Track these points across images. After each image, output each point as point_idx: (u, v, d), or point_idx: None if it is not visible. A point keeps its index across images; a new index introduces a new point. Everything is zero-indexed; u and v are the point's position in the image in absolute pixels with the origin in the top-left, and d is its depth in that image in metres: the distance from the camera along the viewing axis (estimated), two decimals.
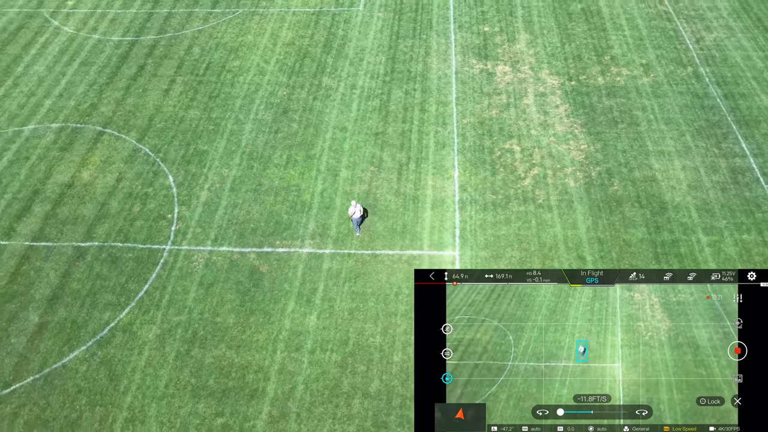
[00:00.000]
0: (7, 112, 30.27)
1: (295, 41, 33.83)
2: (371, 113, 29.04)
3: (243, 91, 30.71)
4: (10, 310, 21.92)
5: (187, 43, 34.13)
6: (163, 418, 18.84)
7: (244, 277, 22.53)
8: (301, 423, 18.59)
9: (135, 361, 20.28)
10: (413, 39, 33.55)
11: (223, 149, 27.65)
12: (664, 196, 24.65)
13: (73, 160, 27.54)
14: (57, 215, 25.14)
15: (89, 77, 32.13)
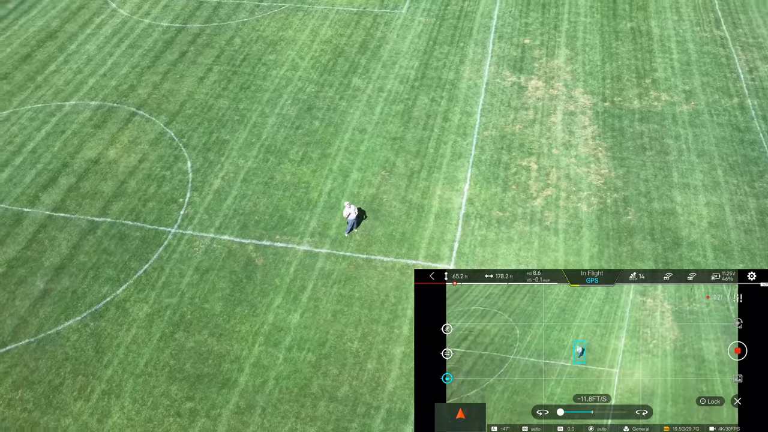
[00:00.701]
0: (54, 86, 31.98)
1: (333, 39, 34.11)
2: (393, 117, 28.94)
3: (273, 85, 31.24)
4: (20, 274, 23.19)
5: (230, 34, 35.02)
6: (137, 395, 19.48)
7: (239, 268, 22.96)
8: (265, 418, 18.79)
9: (122, 336, 21.05)
10: (450, 46, 33.17)
11: (243, 140, 28.24)
12: (680, 232, 23.39)
13: (103, 137, 28.81)
14: (79, 189, 26.38)
15: (133, 59, 33.50)
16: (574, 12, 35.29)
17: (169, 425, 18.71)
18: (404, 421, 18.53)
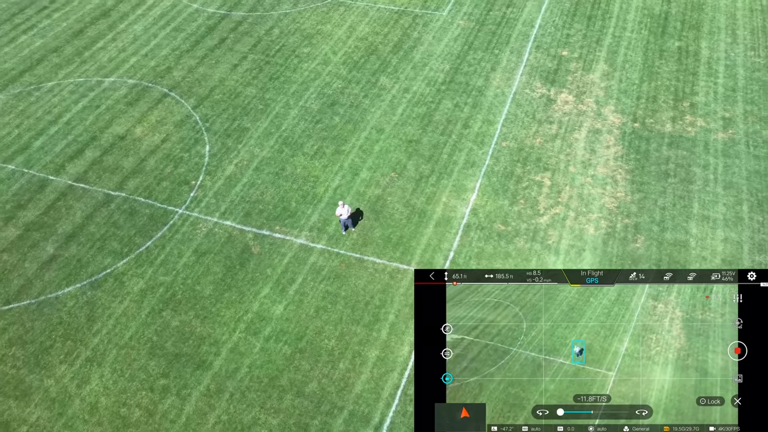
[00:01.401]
0: (98, 62, 33.45)
1: (369, 37, 34.14)
2: (413, 120, 28.72)
3: (302, 78, 31.59)
4: (34, 238, 24.44)
5: (270, 24, 35.63)
6: (117, 366, 20.21)
7: (234, 254, 23.41)
8: (231, 403, 19.11)
9: (114, 308, 21.87)
10: (484, 52, 32.59)
11: (263, 129, 28.71)
12: (689, 266, 22.18)
13: (133, 115, 29.93)
14: (102, 162, 27.53)
15: (175, 42, 34.61)
16: (621, 26, 33.95)
17: (140, 399, 19.33)
18: (365, 425, 18.44)
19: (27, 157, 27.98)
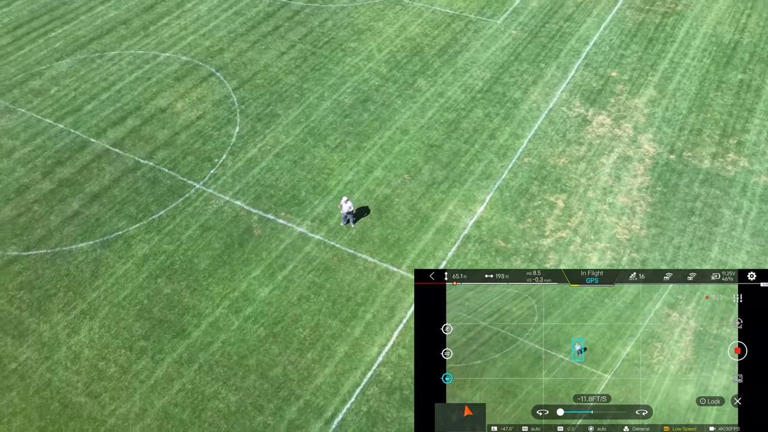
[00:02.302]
0: (159, 37, 35.35)
1: (417, 38, 34.12)
2: (440, 125, 28.51)
3: (342, 71, 32.04)
4: (63, 193, 26.28)
5: (325, 16, 36.33)
6: (105, 322, 21.46)
7: (236, 233, 24.20)
8: (197, 374, 19.86)
9: (117, 268, 23.20)
10: (530, 64, 31.80)
11: (292, 118, 29.41)
12: None
13: (177, 90, 31.46)
14: (139, 131, 29.15)
15: (232, 25, 35.99)
16: (682, 52, 32.14)
17: (118, 356, 20.45)
18: (317, 417, 18.66)
19: (76, 119, 30.05)
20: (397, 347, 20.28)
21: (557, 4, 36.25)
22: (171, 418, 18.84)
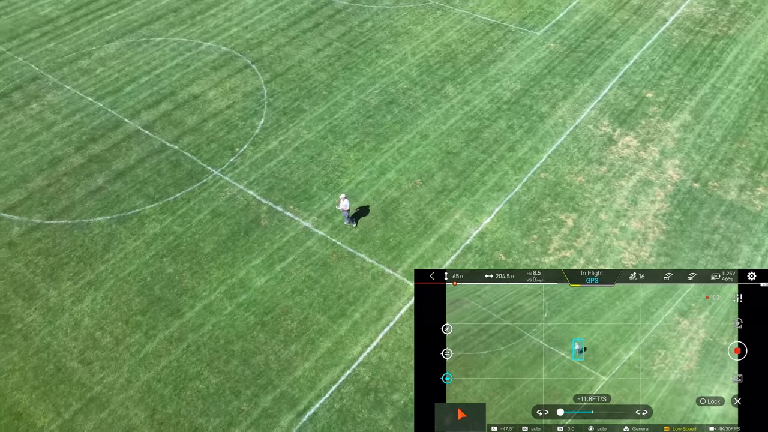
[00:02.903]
0: (204, 27, 36.56)
1: (453, 44, 34.00)
2: (460, 132, 28.35)
3: (372, 72, 32.30)
4: (91, 168, 27.60)
5: (365, 17, 36.68)
6: (108, 294, 22.44)
7: (244, 222, 24.81)
8: (185, 353, 20.51)
9: (127, 244, 24.20)
10: (563, 79, 31.17)
11: (317, 114, 29.87)
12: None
13: (212, 79, 32.47)
14: (171, 116, 30.26)
15: (275, 20, 36.83)
16: (726, 78, 30.79)
17: (114, 327, 21.36)
18: (290, 408, 18.96)
19: (115, 99, 31.48)
20: (380, 349, 20.35)
21: (602, 20, 35.38)
22: (153, 393, 19.54)
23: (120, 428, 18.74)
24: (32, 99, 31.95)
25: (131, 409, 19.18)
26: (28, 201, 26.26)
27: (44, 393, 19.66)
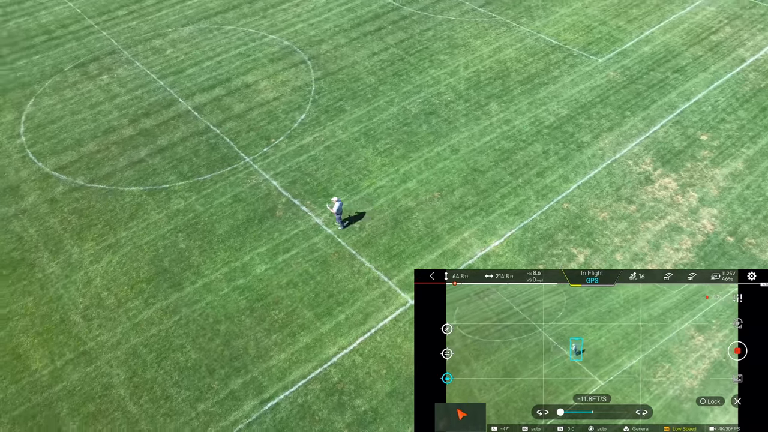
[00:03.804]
0: (273, 20, 38.01)
1: (509, 62, 33.45)
2: (492, 151, 27.89)
3: (420, 81, 32.38)
4: (138, 141, 29.48)
5: (428, 25, 36.79)
6: (123, 259, 23.94)
7: (261, 210, 25.67)
8: (175, 325, 21.55)
9: (151, 215, 25.68)
10: (614, 110, 29.92)
11: (355, 116, 30.34)
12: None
13: (268, 70, 33.73)
14: (220, 101, 31.75)
15: (340, 20, 37.70)
16: None
17: (119, 291, 22.78)
18: (255, 395, 19.49)
19: (175, 79, 33.41)
20: (355, 353, 20.49)
21: (672, 53, 33.60)
22: (137, 357, 20.69)
23: (100, 384, 20.00)
24: (104, 71, 34.50)
25: (114, 368, 20.41)
26: (77, 163, 28.44)
27: (45, 340, 21.31)
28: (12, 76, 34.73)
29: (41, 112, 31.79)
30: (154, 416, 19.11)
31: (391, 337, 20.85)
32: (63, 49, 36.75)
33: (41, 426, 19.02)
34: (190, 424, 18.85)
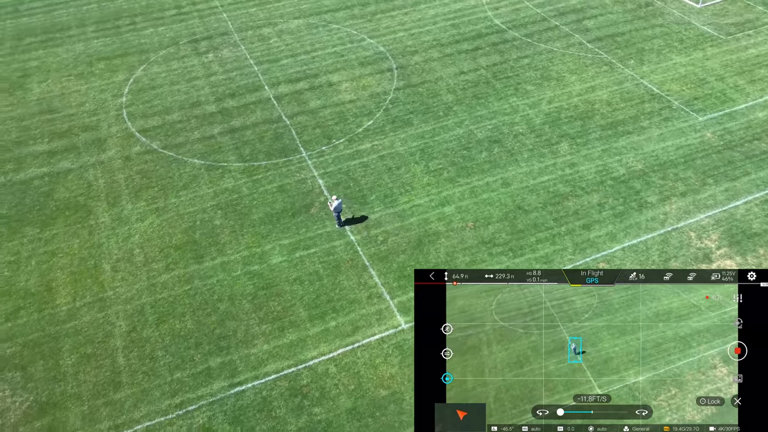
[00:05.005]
0: (376, 25, 38.82)
1: (597, 104, 31.56)
2: (544, 192, 26.55)
3: (497, 108, 31.52)
4: (216, 119, 31.53)
5: (527, 53, 35.65)
6: (163, 223, 25.83)
7: (298, 204, 26.46)
8: (183, 294, 22.93)
9: (202, 190, 27.42)
10: (694, 174, 27.21)
11: (420, 131, 30.23)
12: None
13: (354, 72, 34.55)
14: (301, 94, 33.07)
15: (441, 35, 37.63)
16: None
17: (149, 251, 24.63)
18: (227, 377, 20.25)
19: (268, 67, 35.28)
20: (331, 362, 20.59)
21: None
22: (142, 314, 22.31)
23: (103, 331, 21.83)
24: (212, 50, 37.22)
25: (120, 320, 22.17)
26: (159, 129, 31.03)
27: (75, 280, 23.61)
28: (136, 42, 38.55)
29: (147, 78, 35.01)
30: (135, 372, 20.54)
31: (371, 356, 20.69)
32: (185, 24, 40.14)
33: (44, 355, 21.15)
34: (162, 388, 20.03)
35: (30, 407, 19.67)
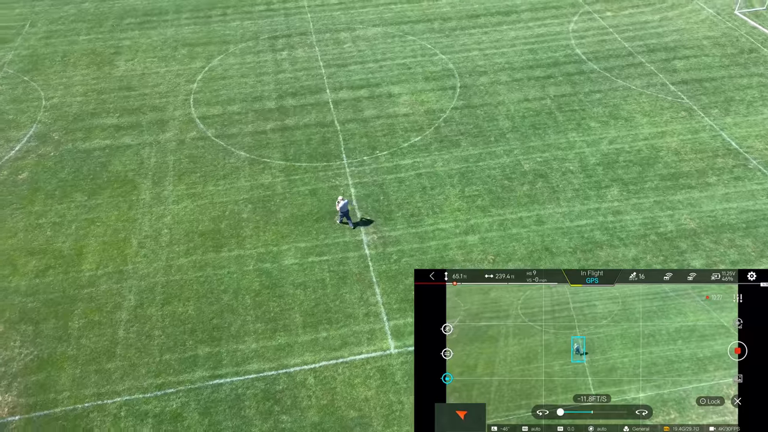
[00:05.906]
0: (453, 42, 38.35)
1: (663, 151, 29.33)
2: (578, 237, 25.04)
3: (552, 141, 30.11)
4: (272, 116, 32.39)
5: (601, 87, 33.82)
6: (196, 209, 26.86)
7: (325, 210, 26.60)
8: (194, 280, 23.69)
9: (239, 181, 28.25)
10: (753, 243, 24.60)
11: (465, 154, 29.46)
12: None
13: (416, 86, 34.29)
14: (358, 102, 33.26)
15: (514, 58, 36.53)
16: None
17: (176, 233, 25.70)
18: (209, 369, 20.71)
19: (334, 72, 35.78)
20: (311, 373, 20.51)
21: None
22: (150, 292, 23.32)
23: (114, 302, 23.02)
24: (287, 48, 38.30)
25: (132, 294, 23.28)
26: (217, 118, 32.33)
27: (104, 249, 25.09)
28: (221, 32, 40.42)
29: (221, 68, 36.60)
30: (130, 346, 21.49)
31: (351, 375, 20.41)
32: (269, 21, 41.57)
33: (58, 314, 22.62)
34: (148, 366, 20.82)
35: (32, 360, 21.10)
